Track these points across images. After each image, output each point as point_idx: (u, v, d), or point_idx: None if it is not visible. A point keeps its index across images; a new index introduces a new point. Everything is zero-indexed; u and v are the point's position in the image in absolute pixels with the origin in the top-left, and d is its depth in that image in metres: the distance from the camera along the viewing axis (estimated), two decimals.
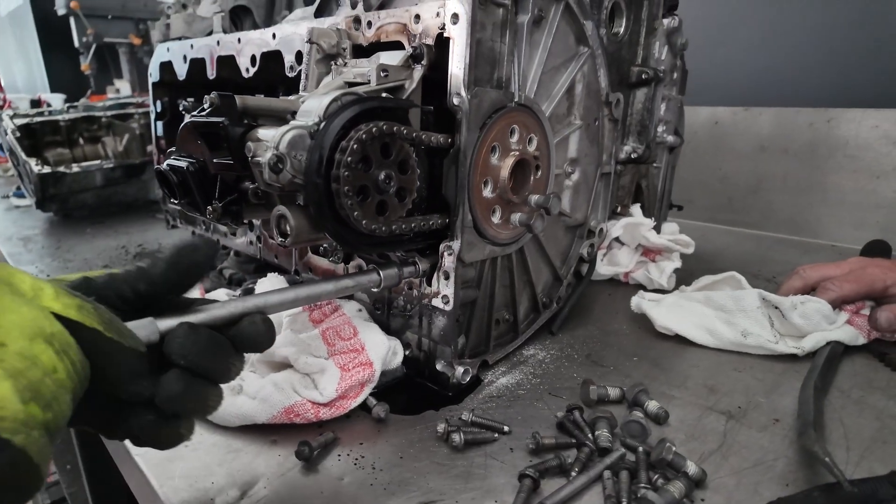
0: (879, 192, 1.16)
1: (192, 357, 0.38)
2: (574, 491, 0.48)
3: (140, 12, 3.35)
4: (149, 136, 1.96)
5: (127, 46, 3.37)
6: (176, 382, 0.37)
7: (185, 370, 0.38)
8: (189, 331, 0.39)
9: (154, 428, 0.39)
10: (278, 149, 0.48)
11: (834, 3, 1.19)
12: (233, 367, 0.42)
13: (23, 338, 0.30)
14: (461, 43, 0.57)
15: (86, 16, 3.14)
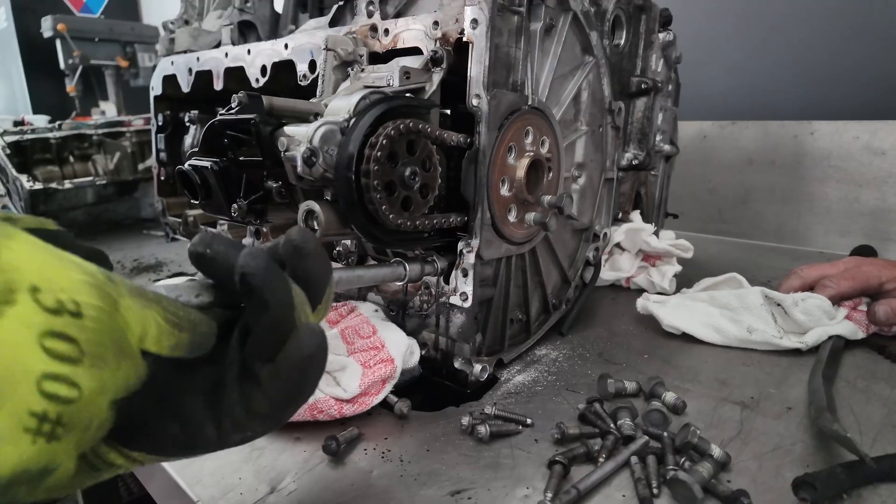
0: (863, 199, 1.21)
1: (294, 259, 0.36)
2: (604, 475, 0.49)
3: (127, 35, 3.36)
4: (140, 155, 1.96)
5: (113, 69, 3.37)
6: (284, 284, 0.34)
7: None
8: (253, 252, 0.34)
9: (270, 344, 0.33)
10: (312, 143, 0.49)
11: (813, 22, 1.25)
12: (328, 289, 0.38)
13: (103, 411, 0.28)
14: (481, 46, 0.59)
15: (73, 38, 3.13)
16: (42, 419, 0.25)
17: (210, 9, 1.19)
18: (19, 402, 0.24)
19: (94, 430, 0.28)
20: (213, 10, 1.15)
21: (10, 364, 0.24)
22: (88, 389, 0.26)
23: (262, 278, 0.32)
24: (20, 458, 0.25)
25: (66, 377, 0.25)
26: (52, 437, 0.26)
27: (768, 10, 1.31)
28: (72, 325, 0.26)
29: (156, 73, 1.15)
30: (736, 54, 1.36)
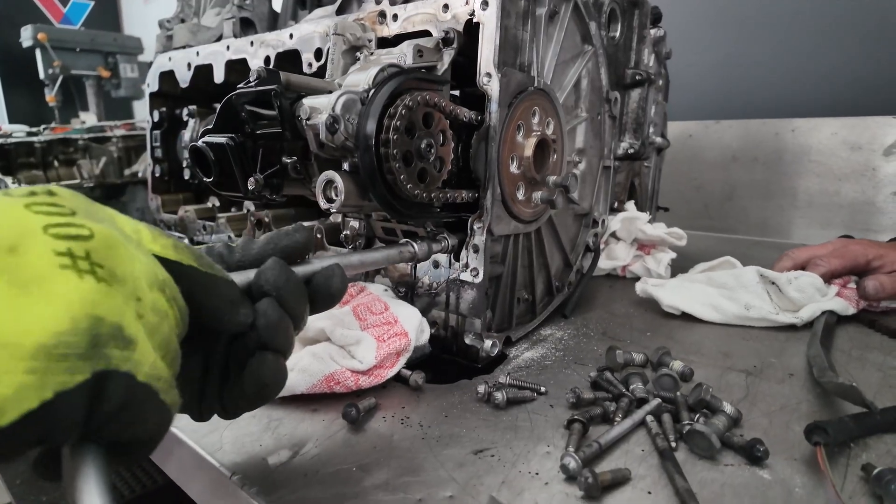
0: (843, 193, 1.26)
1: (284, 289, 0.38)
2: (623, 431, 0.50)
3: (109, 46, 3.34)
4: (126, 160, 1.94)
5: (94, 79, 3.34)
6: (272, 308, 0.37)
7: (277, 302, 0.38)
8: (282, 265, 0.39)
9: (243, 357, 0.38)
10: (334, 110, 0.51)
11: (793, 25, 1.31)
12: (305, 315, 0.42)
13: (150, 289, 0.29)
14: (491, 26, 0.61)
15: (53, 48, 3.10)
16: (71, 256, 0.25)
17: (207, 7, 1.20)
18: (40, 247, 0.25)
19: (148, 305, 0.28)
20: (211, 8, 1.16)
21: (13, 224, 0.25)
22: (98, 230, 0.27)
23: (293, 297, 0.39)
24: (81, 294, 0.25)
25: (68, 223, 0.27)
26: (97, 277, 0.26)
27: (750, 14, 1.37)
28: (49, 198, 0.28)
29: (152, 70, 1.15)
30: (718, 56, 1.42)
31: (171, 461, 0.57)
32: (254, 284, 0.39)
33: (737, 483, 0.44)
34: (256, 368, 0.38)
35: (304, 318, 0.42)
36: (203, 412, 0.40)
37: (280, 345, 0.39)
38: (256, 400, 0.39)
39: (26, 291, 0.24)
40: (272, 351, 0.38)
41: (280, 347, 0.39)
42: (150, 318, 0.28)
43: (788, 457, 0.48)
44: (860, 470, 0.45)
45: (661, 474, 0.46)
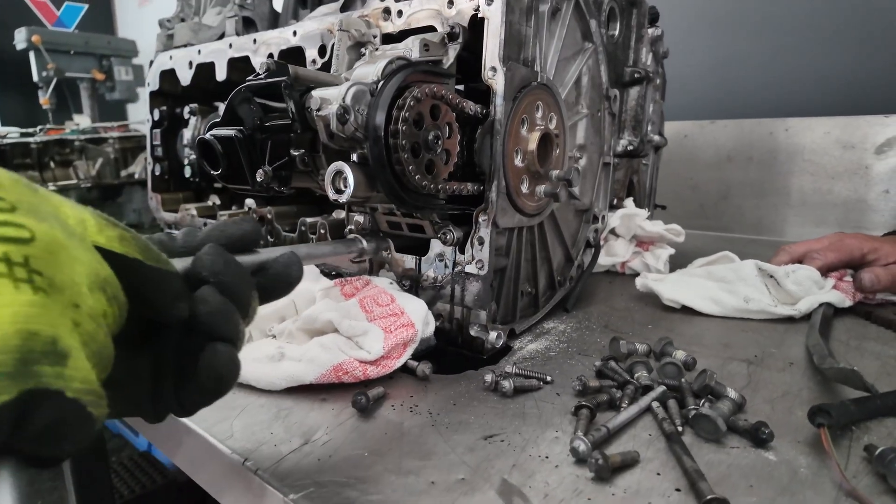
0: (836, 191, 1.28)
1: (223, 274, 0.37)
2: (630, 417, 0.51)
3: (104, 49, 3.33)
4: (123, 161, 1.94)
5: (88, 82, 3.33)
6: (212, 295, 0.36)
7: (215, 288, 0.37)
8: (219, 250, 0.38)
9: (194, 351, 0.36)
10: (344, 101, 0.51)
11: (786, 26, 1.34)
12: (253, 304, 0.40)
13: (90, 292, 0.27)
14: (496, 21, 0.62)
15: (47, 51, 3.09)
16: (8, 262, 0.24)
17: (208, 7, 1.20)
18: None
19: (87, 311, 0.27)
20: (212, 7, 1.16)
21: None
22: (40, 231, 0.25)
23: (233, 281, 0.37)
24: (14, 310, 0.23)
25: (7, 221, 0.25)
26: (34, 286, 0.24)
27: (744, 15, 1.39)
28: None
29: (152, 69, 1.16)
30: (713, 57, 1.44)
31: (181, 451, 0.57)
32: (190, 271, 0.36)
33: (743, 464, 0.45)
34: (209, 360, 0.35)
35: (252, 306, 0.39)
36: (159, 413, 0.37)
37: (227, 332, 0.37)
38: (215, 394, 0.37)
39: None
40: (221, 341, 0.36)
41: (227, 335, 0.37)
42: (86, 325, 0.26)
43: (792, 440, 0.48)
44: (863, 451, 0.46)
45: (669, 456, 0.46)
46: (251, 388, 0.60)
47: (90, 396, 0.25)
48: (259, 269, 0.41)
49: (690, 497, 0.41)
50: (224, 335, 0.36)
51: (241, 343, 0.38)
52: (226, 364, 0.36)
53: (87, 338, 0.26)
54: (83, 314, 0.26)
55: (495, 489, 0.43)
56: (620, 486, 0.43)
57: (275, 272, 0.42)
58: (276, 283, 0.42)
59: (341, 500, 0.41)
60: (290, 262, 0.43)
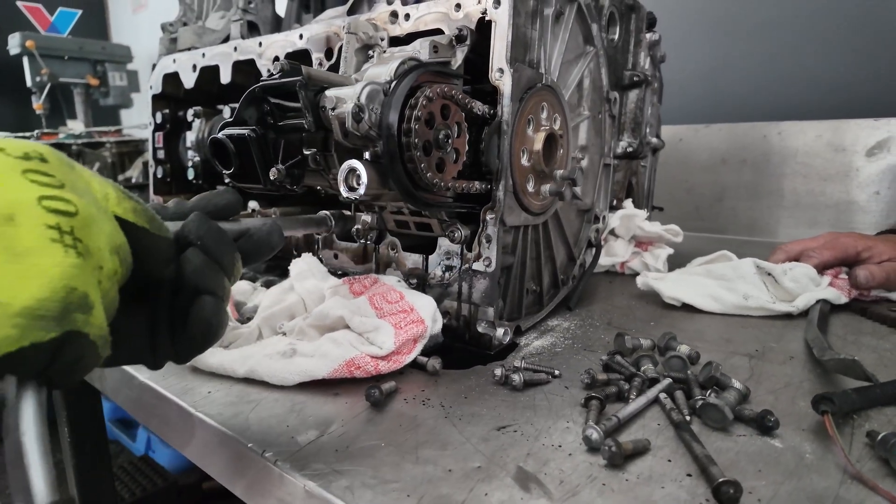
0: (828, 193, 1.31)
1: (206, 238, 0.42)
2: (639, 407, 0.52)
3: (98, 54, 3.33)
4: (120, 166, 1.94)
5: (83, 87, 3.32)
6: (196, 255, 0.41)
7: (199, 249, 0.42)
8: (203, 217, 0.43)
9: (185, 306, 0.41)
10: (359, 100, 0.53)
11: (778, 32, 1.37)
12: (236, 264, 0.45)
13: (110, 255, 0.33)
14: (504, 24, 0.64)
15: (41, 56, 3.08)
16: (59, 230, 0.30)
17: (210, 11, 1.22)
18: (34, 219, 0.29)
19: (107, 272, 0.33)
20: (215, 11, 1.17)
21: (12, 194, 0.29)
22: (81, 206, 0.31)
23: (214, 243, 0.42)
24: (63, 269, 0.29)
25: (58, 196, 0.31)
26: (78, 252, 0.30)
27: (738, 22, 1.42)
28: (42, 165, 0.32)
29: (155, 73, 1.16)
30: (707, 62, 1.47)
31: (192, 444, 0.57)
32: (178, 234, 0.42)
33: (751, 451, 0.47)
34: (197, 312, 0.41)
35: (235, 266, 0.45)
36: (157, 361, 0.42)
37: (211, 287, 0.41)
38: (204, 341, 0.42)
39: (20, 260, 0.28)
40: (207, 294, 0.41)
41: (212, 289, 0.41)
42: (105, 283, 0.33)
43: (797, 428, 0.50)
44: (865, 437, 0.47)
45: (679, 444, 0.48)
46: (264, 384, 0.60)
47: (102, 340, 0.32)
48: (242, 235, 0.46)
49: (702, 481, 0.42)
50: (208, 289, 0.41)
51: (226, 298, 0.43)
52: (212, 314, 0.41)
53: (104, 293, 0.33)
54: (104, 274, 0.33)
55: (511, 476, 0.44)
56: (633, 472, 0.44)
57: (258, 237, 0.47)
58: (258, 246, 0.47)
59: (361, 487, 0.42)
60: (271, 230, 0.48)
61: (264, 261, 0.49)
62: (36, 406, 0.31)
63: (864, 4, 1.26)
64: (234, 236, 0.45)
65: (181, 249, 0.41)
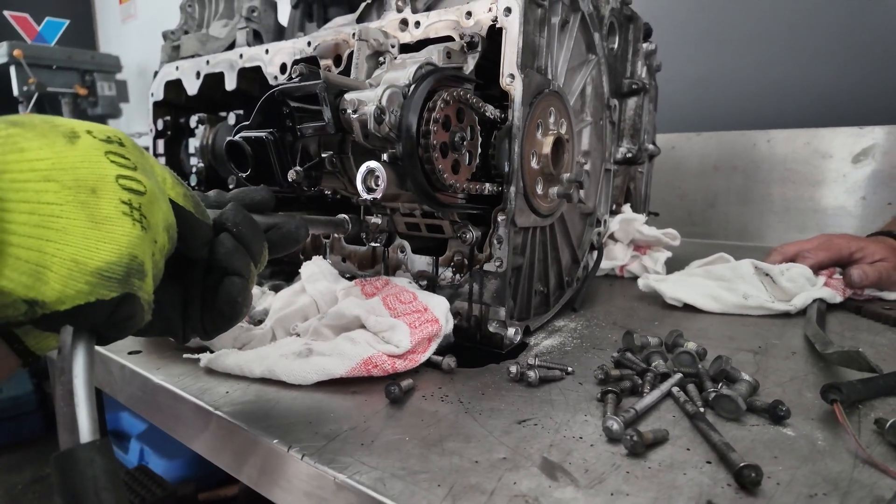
0: (816, 198, 1.35)
1: (240, 225, 0.46)
2: (654, 400, 0.54)
3: (87, 64, 3.31)
4: None
5: (70, 97, 3.30)
6: (228, 240, 0.46)
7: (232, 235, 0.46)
8: (239, 207, 0.48)
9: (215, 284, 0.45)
10: (381, 102, 0.54)
11: (767, 44, 1.42)
12: (263, 252, 0.49)
13: (163, 232, 0.38)
14: (514, 31, 0.66)
15: (29, 65, 3.06)
16: (130, 206, 0.35)
17: (212, 19, 1.23)
18: (112, 194, 0.34)
19: (159, 246, 0.37)
20: (218, 20, 1.18)
21: (95, 170, 0.34)
22: (149, 187, 0.36)
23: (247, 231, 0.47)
24: (130, 239, 0.34)
25: (132, 177, 0.35)
26: (142, 225, 0.35)
27: (729, 34, 1.47)
28: (121, 149, 0.36)
29: (157, 80, 1.17)
30: (699, 72, 1.51)
31: (217, 445, 0.58)
32: (216, 220, 0.46)
33: (765, 439, 0.48)
34: (225, 289, 0.45)
35: (262, 254, 0.49)
36: (186, 334, 0.47)
37: (239, 268, 0.46)
38: (230, 318, 0.46)
39: (98, 227, 0.33)
40: (235, 275, 0.46)
41: (240, 271, 0.46)
42: (157, 256, 0.37)
43: (806, 417, 0.52)
44: (873, 424, 0.49)
45: (695, 434, 0.49)
46: (281, 384, 0.61)
47: (148, 305, 0.37)
48: (272, 227, 0.51)
49: (721, 467, 0.44)
50: (237, 271, 0.46)
51: (251, 280, 0.48)
52: (238, 292, 0.46)
53: (154, 263, 0.37)
54: (157, 247, 0.37)
55: (537, 465, 0.45)
56: (655, 461, 0.45)
57: (286, 230, 0.52)
58: (285, 239, 0.51)
59: (391, 478, 0.43)
60: (299, 225, 0.53)
61: (287, 254, 0.53)
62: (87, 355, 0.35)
63: (848, 19, 1.31)
64: (264, 228, 0.50)
65: (217, 233, 0.46)
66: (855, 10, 1.30)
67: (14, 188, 0.31)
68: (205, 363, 0.64)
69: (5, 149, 0.31)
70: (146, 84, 3.84)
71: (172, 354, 0.69)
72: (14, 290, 0.30)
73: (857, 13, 1.29)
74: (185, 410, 0.60)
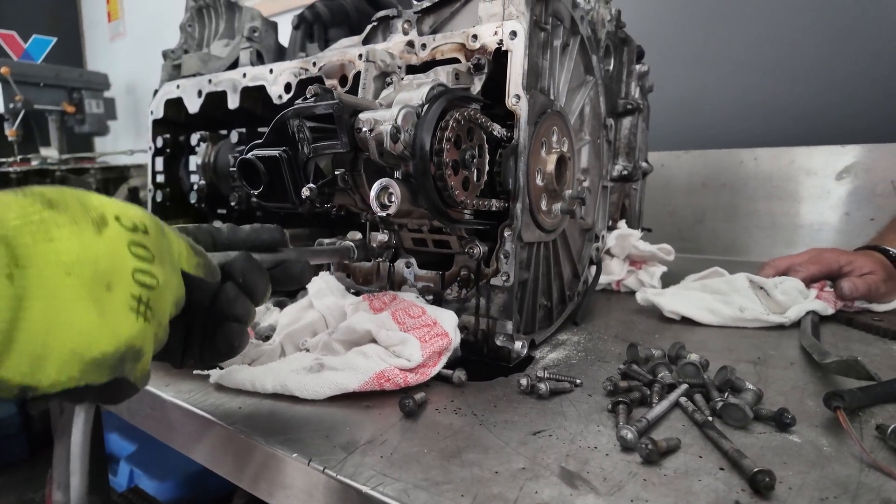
0: (802, 214, 1.39)
1: (246, 276, 0.49)
2: (664, 410, 0.55)
3: (75, 81, 3.29)
4: (105, 191, 1.92)
5: (58, 114, 3.27)
6: (233, 290, 0.49)
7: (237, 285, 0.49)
8: (248, 258, 0.50)
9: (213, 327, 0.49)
10: (397, 121, 0.56)
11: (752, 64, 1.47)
12: (267, 293, 0.52)
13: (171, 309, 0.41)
14: (520, 53, 0.68)
15: (16, 82, 3.03)
16: (139, 301, 0.37)
17: (212, 39, 1.24)
18: (124, 288, 0.36)
19: (162, 329, 0.40)
20: (219, 40, 1.20)
21: (114, 263, 0.36)
22: (161, 279, 0.39)
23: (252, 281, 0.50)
24: (130, 333, 0.36)
25: (148, 270, 0.38)
26: (146, 318, 0.37)
27: (716, 55, 1.53)
28: (144, 238, 0.38)
29: (157, 98, 1.17)
30: (688, 92, 1.56)
31: (233, 461, 0.58)
32: (223, 267, 0.49)
33: (773, 445, 0.50)
34: (224, 332, 0.49)
35: (264, 295, 0.52)
36: (184, 361, 0.50)
37: (240, 315, 0.49)
38: (226, 355, 0.50)
39: (103, 320, 0.35)
40: (235, 321, 0.49)
41: (240, 318, 0.49)
42: (160, 335, 0.40)
43: (810, 424, 0.54)
44: (874, 430, 0.51)
45: (706, 442, 0.51)
46: (293, 399, 0.61)
47: (143, 380, 0.40)
48: (278, 265, 0.54)
49: (734, 474, 0.45)
50: (237, 318, 0.49)
51: (250, 321, 0.51)
52: (236, 336, 0.49)
53: (159, 342, 0.41)
54: (162, 327, 0.40)
55: (556, 475, 0.46)
56: (669, 468, 0.47)
57: (291, 273, 0.55)
58: (289, 281, 0.55)
59: (415, 489, 0.44)
60: (304, 269, 0.56)
61: None
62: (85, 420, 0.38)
63: (830, 44, 1.37)
64: (270, 265, 0.53)
65: (223, 280, 0.49)
66: (836, 36, 1.36)
67: (37, 283, 0.32)
68: (215, 379, 0.64)
69: (37, 237, 0.32)
70: (134, 102, 3.83)
71: (179, 371, 0.69)
72: (11, 379, 0.31)
73: (838, 38, 1.35)
74: (198, 427, 0.60)
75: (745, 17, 1.48)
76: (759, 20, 1.46)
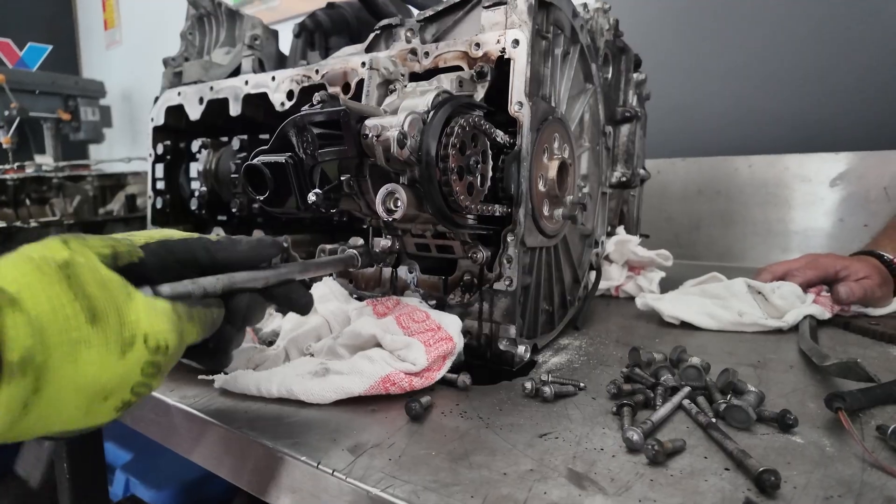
0: (797, 220, 1.41)
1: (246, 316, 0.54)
2: (668, 412, 0.56)
3: (71, 89, 3.29)
4: (101, 199, 1.92)
5: (53, 122, 3.27)
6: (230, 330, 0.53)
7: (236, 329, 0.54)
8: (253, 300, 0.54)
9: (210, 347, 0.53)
10: (403, 128, 0.56)
11: (747, 73, 1.50)
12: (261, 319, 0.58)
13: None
14: (522, 62, 0.69)
15: (11, 90, 3.03)
16: (127, 404, 0.41)
17: (213, 47, 1.25)
18: (119, 398, 0.40)
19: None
20: (220, 48, 1.21)
21: (121, 383, 0.39)
22: (156, 386, 0.43)
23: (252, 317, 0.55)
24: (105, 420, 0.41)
25: (148, 384, 0.42)
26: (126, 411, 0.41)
27: (711, 63, 1.55)
28: (160, 358, 0.42)
29: (158, 105, 1.18)
30: (683, 100, 1.58)
31: (240, 465, 0.58)
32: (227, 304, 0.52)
33: (776, 446, 0.51)
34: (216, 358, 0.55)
35: (258, 322, 0.57)
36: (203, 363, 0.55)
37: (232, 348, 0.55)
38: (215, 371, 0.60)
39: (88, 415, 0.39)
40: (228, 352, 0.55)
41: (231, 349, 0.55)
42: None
43: (812, 426, 0.54)
44: (875, 430, 0.52)
45: (711, 443, 0.51)
46: (299, 403, 0.61)
47: None
48: (284, 283, 0.56)
49: (739, 474, 0.46)
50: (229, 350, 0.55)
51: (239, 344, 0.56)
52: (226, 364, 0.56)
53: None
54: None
55: (564, 476, 0.46)
56: (675, 469, 0.47)
57: (296, 301, 0.59)
58: (293, 308, 0.60)
59: (425, 491, 0.44)
60: (308, 302, 0.61)
61: None
62: None
63: (824, 53, 1.40)
64: (275, 282, 0.55)
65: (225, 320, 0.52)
66: (829, 45, 1.38)
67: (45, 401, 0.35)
68: (220, 384, 0.65)
69: (65, 360, 0.36)
70: (130, 109, 3.83)
71: (183, 376, 0.69)
72: None
73: (831, 48, 1.38)
74: (204, 432, 0.60)
75: (740, 28, 1.50)
76: (754, 30, 1.48)
